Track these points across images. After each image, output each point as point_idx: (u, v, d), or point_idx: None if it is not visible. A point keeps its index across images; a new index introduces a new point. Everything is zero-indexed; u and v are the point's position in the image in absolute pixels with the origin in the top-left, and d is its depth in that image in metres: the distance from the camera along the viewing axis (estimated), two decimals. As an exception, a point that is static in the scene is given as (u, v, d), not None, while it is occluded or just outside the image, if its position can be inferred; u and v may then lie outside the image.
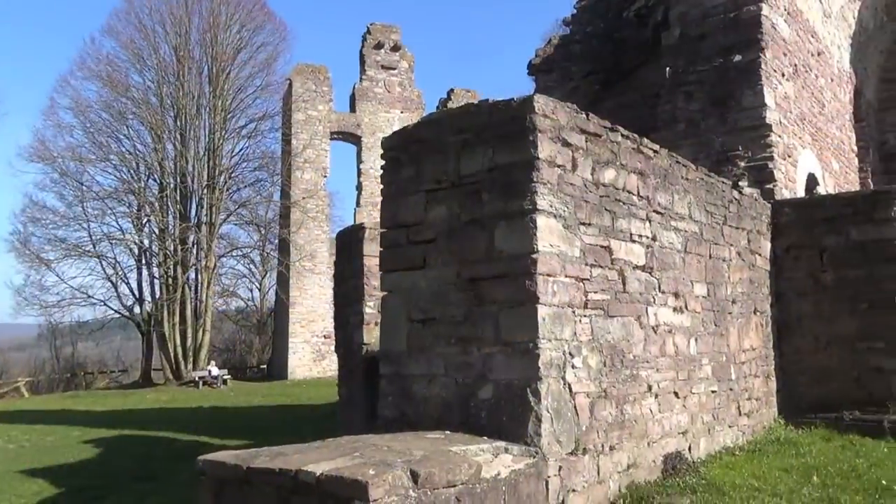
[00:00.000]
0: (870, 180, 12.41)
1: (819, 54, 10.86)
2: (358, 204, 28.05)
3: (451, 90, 31.36)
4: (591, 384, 4.29)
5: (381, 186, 4.82)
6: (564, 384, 4.07)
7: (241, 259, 32.86)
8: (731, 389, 6.06)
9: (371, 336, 7.29)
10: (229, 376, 25.05)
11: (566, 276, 4.22)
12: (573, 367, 4.15)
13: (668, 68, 9.29)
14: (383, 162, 4.84)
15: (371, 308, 7.38)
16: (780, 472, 5.10)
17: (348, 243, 8.18)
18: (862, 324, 6.91)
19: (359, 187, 28.37)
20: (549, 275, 4.07)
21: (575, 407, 4.11)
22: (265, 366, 31.38)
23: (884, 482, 4.85)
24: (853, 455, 5.71)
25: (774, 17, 9.05)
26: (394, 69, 29.67)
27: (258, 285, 36.37)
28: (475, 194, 4.29)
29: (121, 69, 26.82)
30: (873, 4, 12.47)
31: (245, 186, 28.25)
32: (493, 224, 4.18)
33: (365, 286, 7.56)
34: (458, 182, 4.39)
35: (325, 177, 27.63)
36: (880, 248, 6.95)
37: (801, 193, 9.04)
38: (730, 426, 5.99)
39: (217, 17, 26.86)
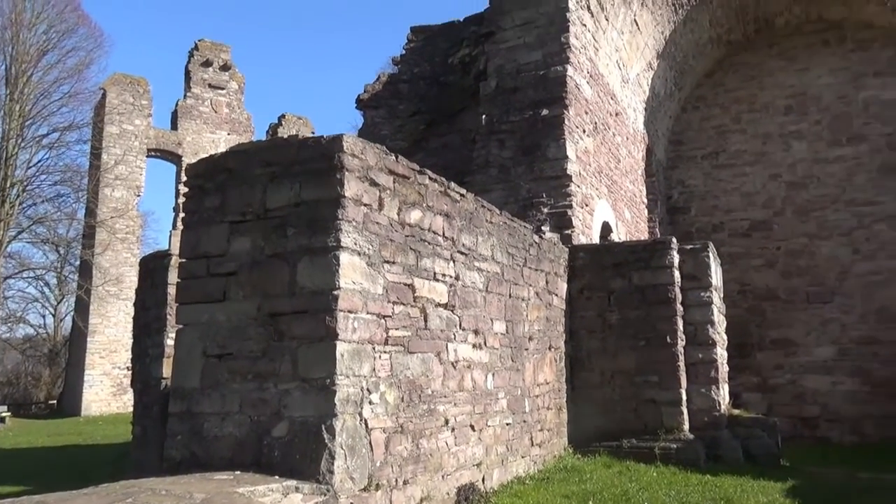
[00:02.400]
0: (657, 230, 13.92)
1: (617, 115, 12.11)
2: (174, 226, 26.47)
3: (283, 116, 30.85)
4: (388, 419, 4.38)
5: (183, 215, 4.64)
6: (361, 420, 4.12)
7: (33, 281, 29.59)
8: (524, 421, 6.46)
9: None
10: (9, 413, 22.24)
11: (368, 313, 4.31)
12: (371, 402, 4.22)
13: (484, 116, 9.87)
14: (186, 189, 4.67)
15: (173, 340, 6.99)
16: (562, 499, 5.50)
17: (153, 270, 7.72)
18: (640, 359, 7.70)
19: (176, 209, 26.82)
20: (350, 311, 4.13)
21: (370, 443, 4.17)
22: (55, 401, 28.28)
23: (648, 504, 5.40)
24: (627, 480, 6.29)
25: (578, 79, 9.99)
26: (222, 89, 28.66)
27: (52, 311, 32.89)
28: (280, 228, 4.28)
29: None
30: (663, 75, 14.15)
31: (43, 201, 25.60)
32: (297, 259, 4.18)
33: (168, 316, 7.16)
34: (264, 215, 4.35)
35: (139, 196, 25.83)
36: (656, 292, 7.82)
37: (596, 239, 9.94)
38: (522, 456, 6.37)
39: (21, 13, 24.40)
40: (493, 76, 10.17)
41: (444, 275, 5.24)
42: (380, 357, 4.38)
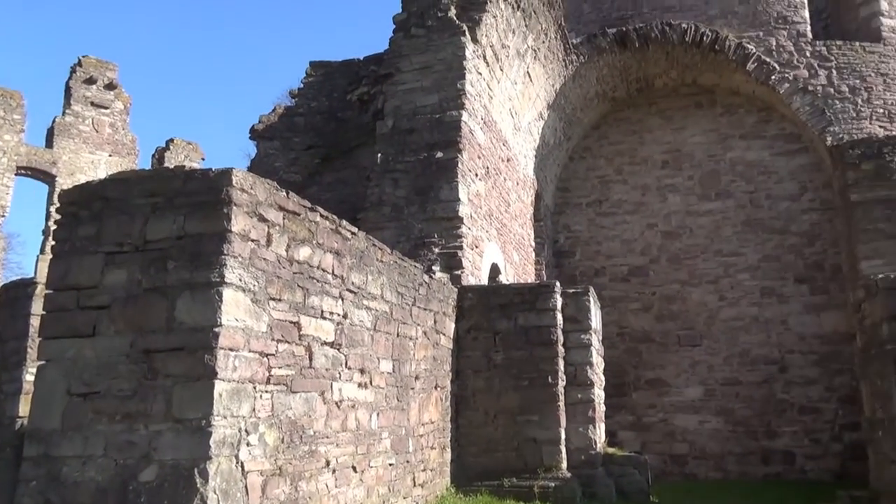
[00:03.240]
0: (544, 272, 14.42)
1: (509, 160, 12.56)
2: (42, 251, 24.64)
3: (171, 140, 29.67)
4: (267, 462, 4.26)
5: (53, 243, 4.39)
6: (237, 463, 3.99)
7: None
8: (408, 461, 6.45)
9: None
10: None
11: (250, 351, 4.21)
12: (248, 444, 4.09)
13: (379, 154, 9.97)
14: (59, 217, 4.42)
15: (34, 376, 6.48)
16: (442, 540, 5.51)
17: (14, 299, 7.18)
18: (523, 399, 7.90)
19: (46, 232, 25.02)
20: (231, 349, 4.02)
21: (246, 486, 4.03)
22: None
23: (525, 543, 5.51)
24: (507, 519, 6.40)
25: (472, 124, 10.31)
26: (106, 108, 27.28)
27: None
28: (160, 261, 4.13)
29: None
30: (553, 125, 14.85)
31: None
32: (177, 294, 4.04)
33: (29, 350, 6.66)
34: (144, 247, 4.19)
35: (4, 216, 23.94)
36: (540, 333, 8.09)
37: (485, 280, 10.18)
38: (405, 497, 6.33)
39: None
40: (390, 116, 10.32)
41: (331, 313, 5.21)
42: (261, 397, 4.27)
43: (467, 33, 10.11)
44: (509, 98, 12.29)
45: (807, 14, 14.36)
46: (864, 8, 14.52)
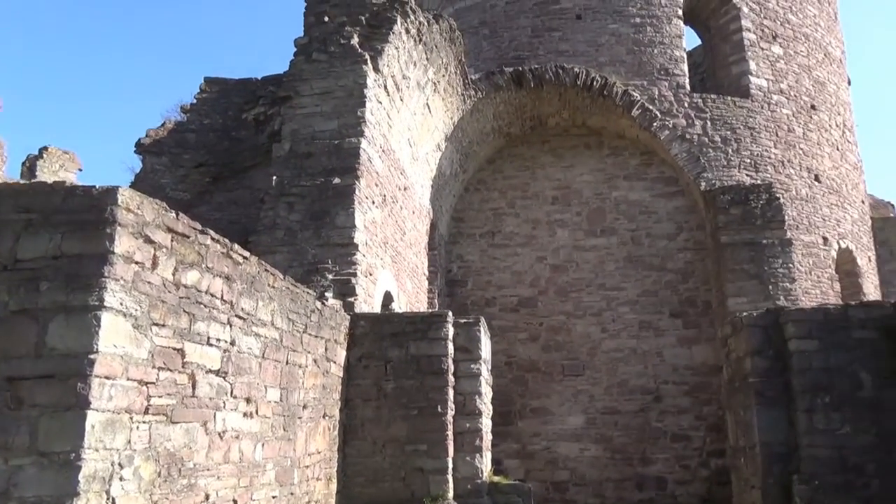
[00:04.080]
0: (436, 301, 14.55)
1: (406, 189, 12.67)
2: None
3: (45, 148, 27.64)
4: (141, 497, 4.04)
5: None
6: (108, 499, 3.75)
7: None
8: (292, 493, 6.28)
9: None
10: None
11: (128, 379, 4.00)
12: (122, 479, 3.87)
13: (275, 177, 9.80)
14: (-86, 229, 4.05)
15: None
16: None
17: None
18: (411, 428, 7.91)
19: None
20: (107, 377, 3.81)
21: (117, 524, 3.80)
22: None
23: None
24: (392, 551, 6.34)
25: (371, 152, 10.35)
26: (-27, 109, 25.21)
27: None
28: (32, 282, 3.87)
29: None
30: (450, 157, 15.15)
31: None
32: (49, 318, 3.79)
33: None
34: (13, 266, 3.91)
35: None
36: (431, 362, 8.15)
37: (378, 308, 10.16)
38: (288, 531, 6.16)
39: None
40: (288, 139, 10.18)
41: (218, 339, 5.04)
42: (137, 428, 4.06)
43: (369, 62, 10.19)
44: (408, 128, 12.45)
45: (686, 68, 15.53)
46: (735, 67, 15.89)
